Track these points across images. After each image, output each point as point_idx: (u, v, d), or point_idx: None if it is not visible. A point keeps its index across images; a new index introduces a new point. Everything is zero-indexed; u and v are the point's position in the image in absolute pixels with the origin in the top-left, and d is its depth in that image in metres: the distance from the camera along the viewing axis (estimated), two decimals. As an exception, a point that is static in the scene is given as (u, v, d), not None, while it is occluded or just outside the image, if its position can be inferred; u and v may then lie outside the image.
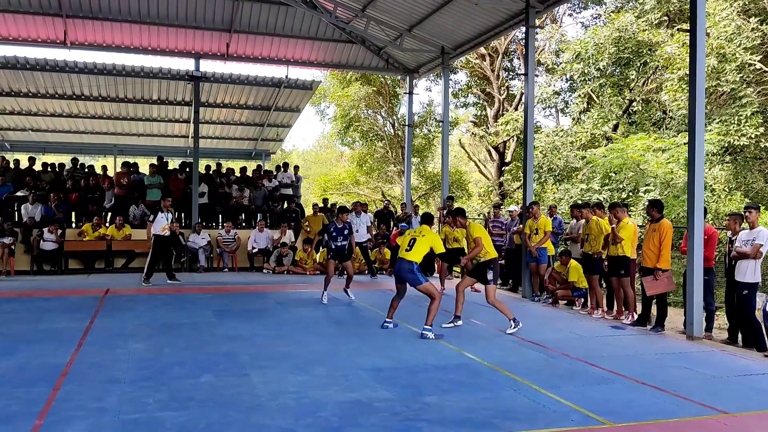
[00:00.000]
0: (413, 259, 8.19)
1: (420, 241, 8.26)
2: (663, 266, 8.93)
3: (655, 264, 8.93)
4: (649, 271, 9.02)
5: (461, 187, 30.50)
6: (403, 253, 8.32)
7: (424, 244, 8.28)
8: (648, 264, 9.07)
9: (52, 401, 5.14)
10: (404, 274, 8.22)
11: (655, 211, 9.18)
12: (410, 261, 8.18)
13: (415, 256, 8.20)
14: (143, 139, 22.94)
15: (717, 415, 5.17)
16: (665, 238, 8.90)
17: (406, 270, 8.19)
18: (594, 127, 21.94)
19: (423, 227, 8.57)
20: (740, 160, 18.27)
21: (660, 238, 8.92)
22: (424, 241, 8.29)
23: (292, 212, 17.64)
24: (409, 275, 8.18)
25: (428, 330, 7.98)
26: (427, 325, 8.00)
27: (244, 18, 16.48)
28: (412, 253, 8.21)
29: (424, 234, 8.38)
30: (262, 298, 11.43)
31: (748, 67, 17.02)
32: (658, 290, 9.01)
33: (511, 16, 13.89)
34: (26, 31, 15.71)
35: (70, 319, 8.85)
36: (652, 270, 8.95)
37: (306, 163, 44.90)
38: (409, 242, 8.31)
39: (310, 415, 4.92)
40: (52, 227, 14.73)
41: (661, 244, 8.90)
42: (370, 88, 28.05)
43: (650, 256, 9.02)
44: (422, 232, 8.43)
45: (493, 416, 4.98)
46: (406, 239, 8.45)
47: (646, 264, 9.13)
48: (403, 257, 8.29)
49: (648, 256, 9.07)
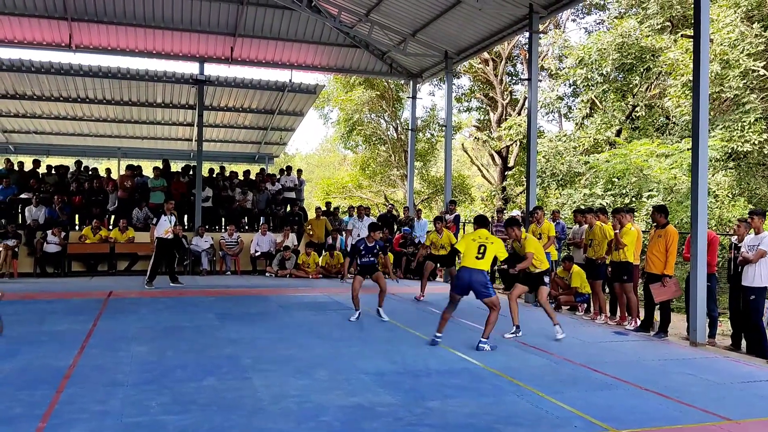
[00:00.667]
0: (485, 268, 7.56)
1: (490, 248, 7.60)
2: (670, 272, 8.93)
3: (662, 270, 8.92)
4: (655, 277, 8.99)
5: (464, 191, 30.48)
6: (473, 261, 7.54)
7: (493, 252, 7.68)
8: (654, 270, 9.03)
9: (55, 404, 5.14)
10: (478, 287, 7.49)
11: (662, 216, 9.15)
12: (483, 271, 7.53)
13: (487, 265, 7.60)
14: (147, 142, 23.03)
15: (720, 422, 5.15)
16: (672, 245, 8.87)
17: (481, 283, 7.50)
18: (597, 133, 21.94)
19: (484, 231, 7.89)
20: (744, 166, 18.23)
21: (667, 245, 8.89)
22: (494, 248, 7.66)
23: (295, 216, 17.66)
24: (483, 289, 7.51)
25: (485, 343, 7.54)
26: (483, 338, 7.55)
27: (249, 22, 16.53)
28: (485, 262, 7.55)
29: (492, 240, 7.72)
30: (264, 302, 11.43)
31: (751, 74, 17.00)
32: (665, 297, 8.98)
33: (515, 22, 13.91)
34: (31, 34, 15.77)
35: (73, 322, 8.86)
36: (659, 276, 8.93)
37: (309, 166, 44.94)
38: (478, 249, 7.58)
39: (312, 419, 4.92)
40: (56, 230, 14.75)
41: (668, 250, 8.88)
42: (373, 92, 28.09)
43: (656, 263, 8.99)
44: (488, 237, 7.74)
45: (495, 421, 4.98)
46: (472, 245, 7.64)
47: (651, 270, 9.09)
48: (473, 267, 7.52)
49: (654, 262, 9.04)
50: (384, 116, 30.06)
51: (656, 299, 9.06)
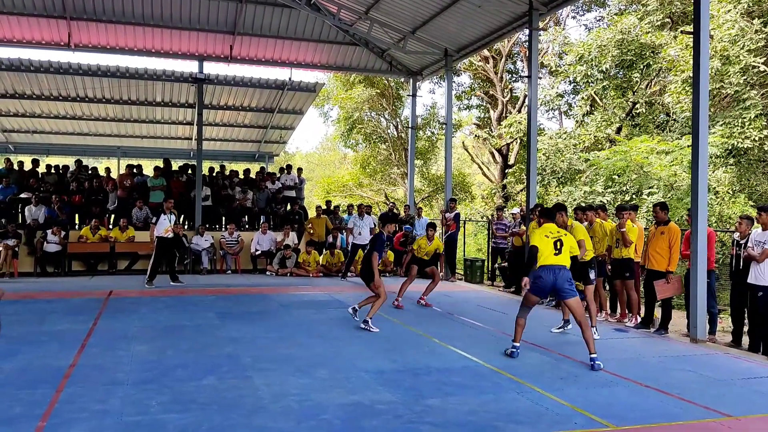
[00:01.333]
0: (566, 264, 6.98)
1: (566, 240, 7.06)
2: (673, 269, 8.94)
3: (666, 267, 8.92)
4: (657, 275, 8.99)
5: (464, 189, 30.49)
6: (552, 258, 6.89)
7: (569, 244, 7.13)
8: (656, 267, 9.04)
9: (55, 403, 5.15)
10: (564, 284, 6.89)
11: (664, 212, 9.20)
12: (566, 268, 6.94)
13: (567, 261, 7.01)
14: (147, 141, 23.02)
15: (721, 418, 5.15)
16: (675, 242, 8.91)
17: (566, 280, 6.91)
18: (597, 130, 21.90)
19: (552, 225, 7.36)
20: (744, 163, 18.21)
21: (670, 242, 8.92)
22: (569, 240, 7.16)
23: (296, 214, 17.66)
24: (568, 286, 6.92)
25: (596, 359, 6.75)
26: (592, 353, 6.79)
27: (248, 20, 16.51)
28: (563, 257, 6.96)
29: (565, 233, 7.19)
30: (264, 301, 11.42)
31: (751, 70, 16.97)
32: (668, 293, 9.01)
33: (515, 19, 13.90)
34: (30, 33, 15.76)
35: (73, 321, 8.86)
36: (661, 273, 8.93)
37: (309, 165, 44.92)
38: (555, 244, 6.96)
39: (312, 417, 4.92)
40: (56, 229, 14.75)
41: (671, 247, 8.90)
42: (373, 91, 28.08)
43: (659, 260, 9.01)
44: (558, 230, 7.20)
45: (495, 419, 4.98)
46: (546, 241, 6.99)
47: (653, 267, 9.10)
48: (555, 264, 6.88)
49: (656, 259, 9.05)
50: (384, 114, 30.05)
51: (659, 296, 9.05)
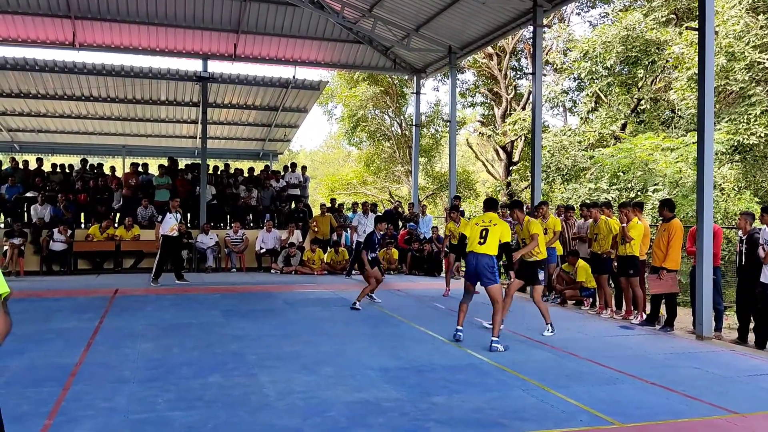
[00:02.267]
0: (491, 252, 7.25)
1: (492, 230, 7.30)
2: (669, 266, 8.90)
3: (661, 263, 8.92)
4: (656, 270, 9.01)
5: (469, 186, 30.43)
6: (476, 246, 7.27)
7: (497, 234, 7.32)
8: (656, 263, 9.07)
9: (62, 401, 5.16)
10: (483, 272, 7.22)
11: (667, 210, 9.17)
12: (489, 255, 7.24)
13: (492, 249, 7.25)
14: (151, 140, 23.05)
15: (726, 416, 5.14)
16: (674, 238, 8.87)
17: (486, 267, 7.22)
18: (602, 127, 21.84)
19: (490, 214, 7.59)
20: (750, 159, 18.14)
21: (669, 238, 8.89)
22: (496, 230, 7.33)
23: (300, 212, 17.67)
24: (488, 273, 7.24)
25: (497, 342, 7.24)
26: (494, 336, 7.27)
27: (252, 19, 16.53)
28: (488, 246, 7.23)
29: (495, 222, 7.41)
30: (269, 299, 11.44)
31: (757, 66, 16.89)
32: (660, 290, 9.02)
33: (519, 15, 13.87)
34: (35, 32, 15.81)
35: (79, 320, 8.89)
36: (659, 269, 8.94)
37: (313, 163, 44.95)
38: (481, 233, 7.29)
39: (318, 414, 4.93)
40: (62, 228, 14.80)
41: (669, 243, 8.87)
42: (377, 88, 28.05)
43: (659, 255, 9.03)
44: (491, 220, 7.45)
45: (501, 416, 4.97)
46: (475, 230, 7.39)
47: (655, 263, 9.14)
48: (478, 251, 7.26)
49: (657, 255, 9.08)
50: (388, 112, 30.03)
51: (651, 291, 9.08)
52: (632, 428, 4.80)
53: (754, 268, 8.17)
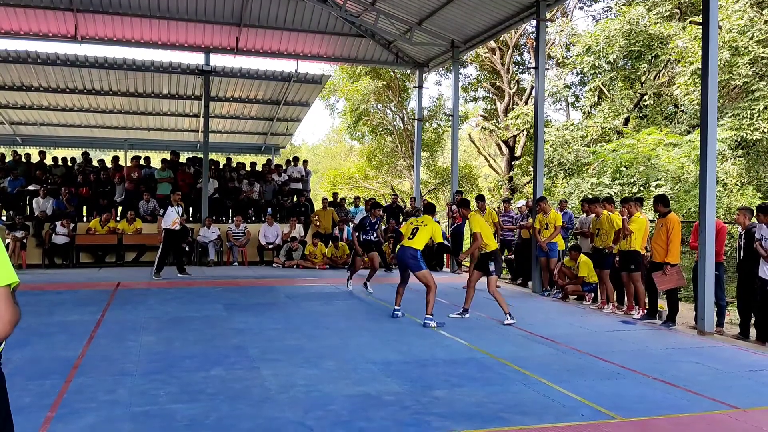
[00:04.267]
0: (415, 246, 8.63)
1: (422, 230, 8.69)
2: (672, 260, 8.88)
3: (663, 258, 8.90)
4: (659, 267, 8.98)
5: (471, 181, 30.42)
6: (405, 241, 8.75)
7: (426, 233, 8.70)
8: (657, 259, 9.03)
9: (64, 393, 5.18)
10: (406, 259, 8.64)
11: (661, 206, 9.16)
12: (413, 248, 8.62)
13: (417, 244, 8.64)
14: (153, 134, 23.06)
15: (728, 410, 5.14)
16: (672, 233, 8.84)
17: (409, 256, 8.62)
18: (605, 121, 21.81)
19: (425, 217, 8.96)
20: (753, 155, 18.10)
21: (667, 233, 8.87)
22: (426, 230, 8.71)
23: (302, 206, 17.67)
24: (411, 261, 8.60)
25: (430, 319, 8.36)
26: (428, 314, 8.40)
27: (254, 12, 16.48)
28: (414, 241, 8.64)
29: (426, 223, 8.77)
30: (271, 292, 11.46)
31: (760, 61, 16.83)
32: (668, 285, 8.96)
33: (522, 9, 13.81)
34: (37, 25, 15.78)
35: (82, 313, 8.92)
36: (661, 265, 8.92)
37: (316, 157, 44.93)
38: (411, 231, 8.75)
39: (320, 408, 4.94)
40: (65, 221, 14.82)
41: (669, 238, 8.85)
42: (379, 82, 28.00)
43: (659, 251, 9.00)
44: (424, 221, 8.81)
45: (502, 410, 4.98)
46: (409, 228, 8.89)
47: (655, 259, 9.10)
48: (405, 245, 8.72)
49: (657, 251, 9.04)
50: (390, 106, 29.99)
51: (659, 288, 9.05)
52: (633, 423, 4.80)
53: (753, 263, 8.16)
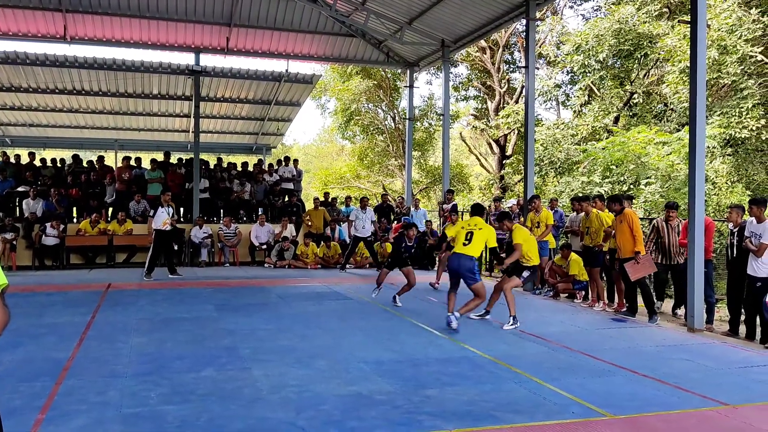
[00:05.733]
0: (472, 253, 7.79)
1: (477, 234, 7.85)
2: (641, 250, 9.13)
3: (632, 251, 9.12)
4: (629, 260, 9.19)
5: (462, 180, 30.47)
6: (461, 247, 7.78)
7: (482, 238, 7.88)
8: (626, 254, 9.25)
9: (55, 395, 5.16)
10: (463, 272, 7.77)
11: (616, 204, 9.46)
12: (471, 257, 7.78)
13: (475, 251, 7.82)
14: (144, 134, 22.97)
15: (718, 407, 5.18)
16: (634, 225, 9.16)
17: (467, 269, 7.76)
18: (595, 120, 21.88)
19: (477, 219, 8.15)
20: (742, 153, 18.21)
21: (629, 226, 9.16)
22: (482, 234, 7.89)
23: (293, 206, 17.65)
24: (468, 275, 7.79)
25: (455, 318, 7.78)
26: (457, 312, 7.82)
27: (244, 12, 16.44)
28: (471, 248, 7.76)
29: (481, 227, 7.96)
30: (263, 293, 11.43)
31: (749, 59, 16.94)
32: (641, 273, 9.21)
33: (512, 9, 13.85)
34: (26, 26, 15.68)
35: (72, 314, 8.87)
36: (629, 259, 9.16)
37: (307, 157, 44.87)
38: (466, 236, 7.82)
39: (311, 408, 4.94)
40: (55, 222, 14.74)
41: (632, 230, 9.13)
42: (370, 82, 28.00)
43: (626, 246, 9.24)
44: (477, 224, 7.99)
45: (494, 409, 5.00)
46: (461, 232, 7.93)
47: (624, 255, 9.30)
48: (462, 252, 7.77)
49: (624, 245, 9.27)
50: (381, 106, 29.98)
51: (632, 277, 9.19)
52: (624, 420, 4.83)
53: (744, 261, 8.21)
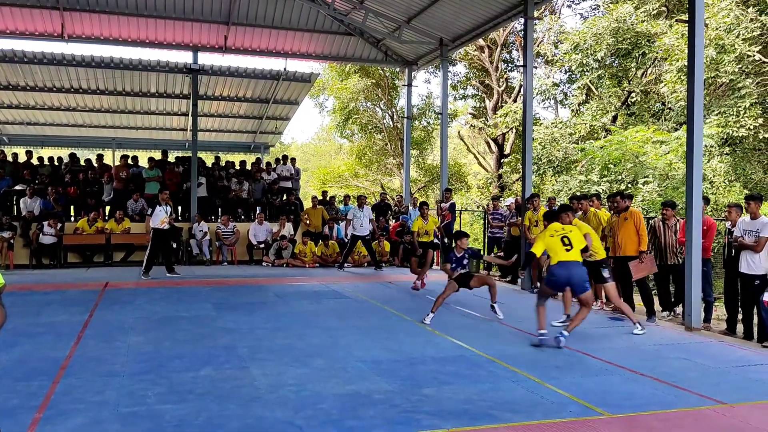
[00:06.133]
0: (579, 259, 7.24)
1: (573, 236, 7.29)
2: (645, 249, 9.14)
3: (637, 249, 9.12)
4: (631, 259, 9.19)
5: (460, 179, 30.46)
6: (564, 254, 7.12)
7: (578, 237, 7.36)
8: (629, 252, 9.22)
9: (52, 394, 5.16)
10: (578, 281, 7.14)
11: (626, 200, 9.44)
12: (579, 263, 7.21)
13: (579, 256, 7.27)
14: (142, 133, 22.91)
15: (715, 406, 5.19)
16: (641, 224, 9.16)
17: (582, 277, 7.19)
18: (593, 119, 21.90)
19: (557, 224, 7.55)
20: (739, 152, 18.24)
21: (636, 225, 9.15)
22: (576, 233, 7.39)
23: (291, 205, 17.63)
24: (584, 283, 7.21)
25: (563, 336, 7.11)
26: (567, 332, 7.17)
27: (242, 10, 16.41)
28: (575, 252, 7.17)
29: (570, 229, 7.44)
30: (261, 292, 11.43)
31: (746, 58, 16.96)
32: (644, 273, 9.24)
33: (510, 8, 13.84)
34: (24, 24, 15.64)
35: (70, 313, 8.87)
36: (632, 257, 9.15)
37: (305, 155, 44.84)
38: (562, 240, 7.19)
39: (309, 407, 4.94)
40: (52, 221, 14.71)
41: (638, 229, 9.13)
42: (368, 81, 27.97)
43: (630, 244, 9.20)
44: (565, 228, 7.41)
45: (491, 408, 5.00)
46: (554, 240, 7.23)
47: (626, 253, 9.22)
48: (569, 260, 7.11)
49: (628, 244, 9.21)
50: (380, 104, 29.96)
51: (635, 276, 9.20)
52: (621, 419, 4.84)
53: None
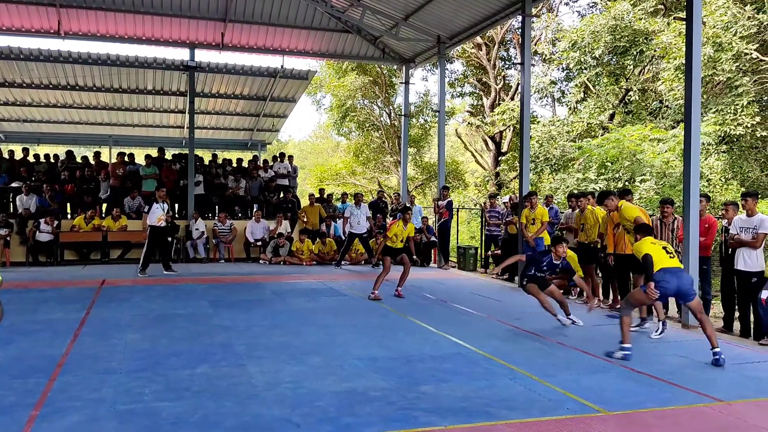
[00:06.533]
0: (681, 265, 6.91)
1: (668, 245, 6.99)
2: None
3: None
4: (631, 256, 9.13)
5: (458, 177, 30.46)
6: (669, 261, 6.67)
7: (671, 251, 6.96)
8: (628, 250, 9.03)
9: (48, 392, 5.14)
10: (688, 289, 6.68)
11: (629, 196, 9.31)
12: (682, 270, 6.81)
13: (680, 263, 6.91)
14: (138, 130, 22.87)
15: (712, 403, 5.20)
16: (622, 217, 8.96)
17: (691, 284, 6.85)
18: (590, 117, 21.91)
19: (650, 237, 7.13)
20: (736, 150, 18.26)
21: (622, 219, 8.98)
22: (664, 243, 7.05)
23: (289, 203, 17.62)
24: (693, 290, 6.86)
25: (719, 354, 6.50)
26: (716, 347, 6.54)
27: (239, 7, 16.37)
28: (677, 260, 6.84)
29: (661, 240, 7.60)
30: (258, 289, 11.42)
31: (744, 56, 16.96)
32: None
33: (508, 5, 13.83)
34: (20, 21, 15.59)
35: (66, 310, 8.84)
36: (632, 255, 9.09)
37: (302, 153, 44.83)
38: (664, 248, 6.84)
39: (306, 404, 4.93)
40: (49, 218, 14.68)
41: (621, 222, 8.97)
42: (366, 78, 27.94)
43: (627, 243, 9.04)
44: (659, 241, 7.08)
45: (488, 405, 5.00)
46: (656, 248, 6.80)
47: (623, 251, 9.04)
48: (676, 266, 6.68)
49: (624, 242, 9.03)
50: (377, 102, 29.94)
51: None
52: (618, 416, 4.84)
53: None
